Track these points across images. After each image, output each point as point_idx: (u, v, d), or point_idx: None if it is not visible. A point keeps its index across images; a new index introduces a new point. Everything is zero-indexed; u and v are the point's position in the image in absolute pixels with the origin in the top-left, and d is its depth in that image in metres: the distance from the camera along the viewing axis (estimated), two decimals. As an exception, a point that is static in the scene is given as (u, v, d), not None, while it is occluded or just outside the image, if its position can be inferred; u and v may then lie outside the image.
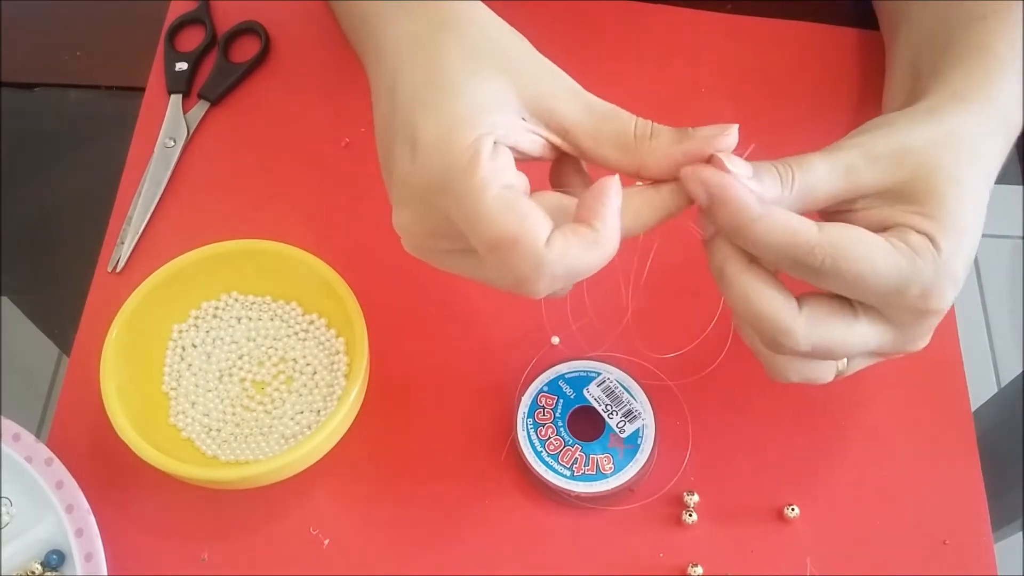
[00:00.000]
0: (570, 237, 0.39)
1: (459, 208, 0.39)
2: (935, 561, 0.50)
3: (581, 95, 0.42)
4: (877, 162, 0.42)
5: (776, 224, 0.40)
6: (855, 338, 0.42)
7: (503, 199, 0.38)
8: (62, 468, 0.48)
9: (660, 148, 0.41)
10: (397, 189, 0.41)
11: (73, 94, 0.64)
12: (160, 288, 0.52)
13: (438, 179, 0.39)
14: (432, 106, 0.40)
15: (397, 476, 0.51)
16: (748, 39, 0.64)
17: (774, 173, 0.41)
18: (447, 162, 0.39)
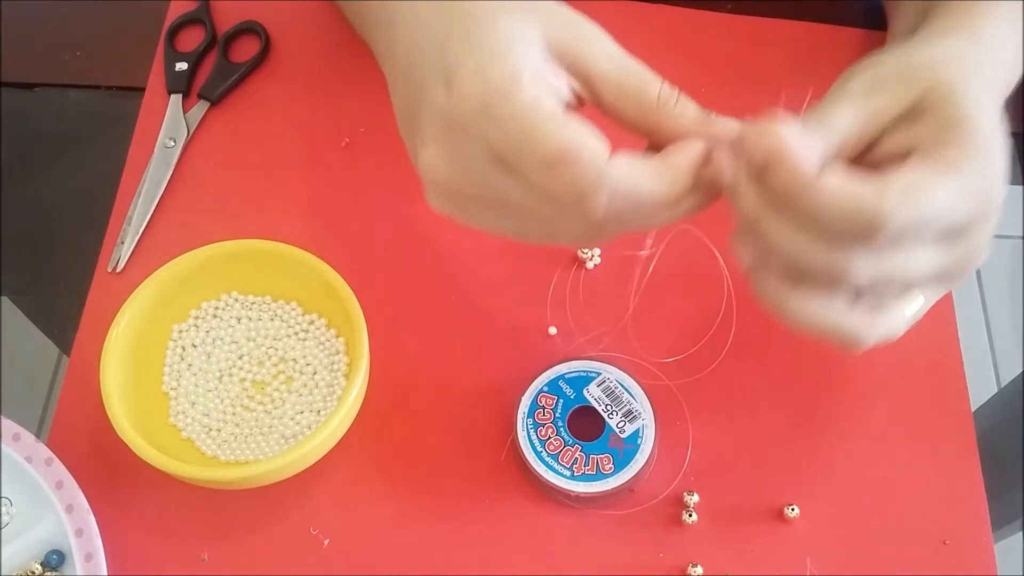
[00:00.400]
0: (634, 159, 0.38)
1: (509, 129, 0.37)
2: (935, 561, 0.50)
3: (609, 45, 0.41)
4: (887, 84, 0.41)
5: (837, 189, 0.37)
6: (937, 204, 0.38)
7: (556, 113, 0.37)
8: (62, 468, 0.48)
9: (682, 120, 0.40)
10: (430, 126, 0.40)
11: (73, 94, 0.64)
12: (160, 288, 0.52)
13: (482, 105, 0.38)
14: (464, 39, 0.39)
15: (397, 476, 0.51)
16: (748, 39, 0.64)
17: (813, 135, 0.39)
18: (490, 87, 0.37)
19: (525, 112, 0.37)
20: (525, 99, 0.37)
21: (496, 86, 0.38)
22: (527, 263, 0.57)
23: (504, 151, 0.38)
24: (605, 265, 0.57)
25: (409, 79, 0.42)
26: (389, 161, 0.60)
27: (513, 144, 0.38)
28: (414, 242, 0.57)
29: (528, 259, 0.57)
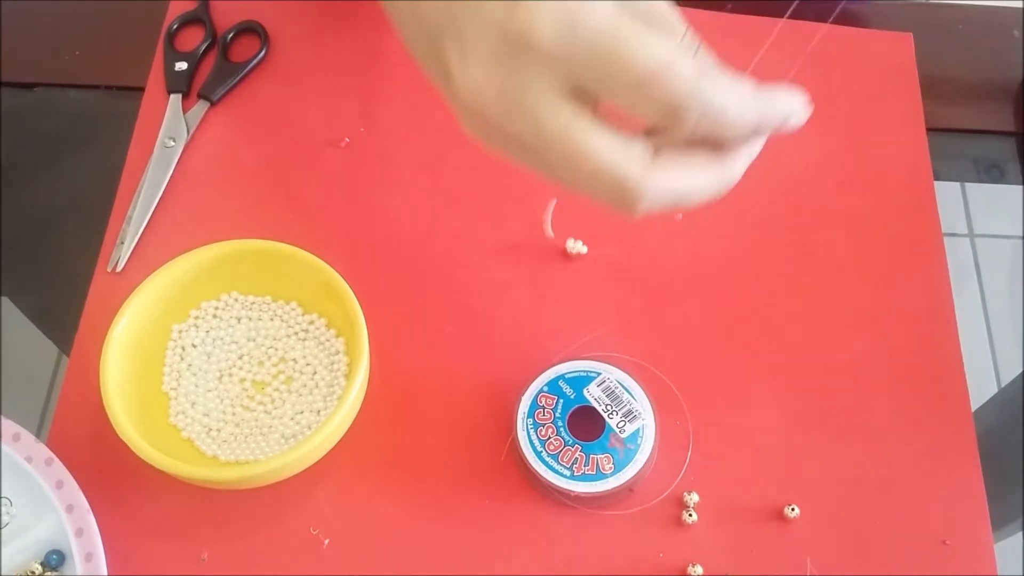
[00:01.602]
0: (728, 80, 0.37)
1: (596, 51, 0.35)
2: (935, 561, 0.50)
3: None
4: None
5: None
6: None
7: (642, 29, 0.36)
8: (62, 468, 0.48)
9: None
10: (480, 44, 0.36)
11: (73, 94, 0.64)
12: (160, 288, 0.52)
13: (561, 27, 0.35)
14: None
15: (397, 476, 0.51)
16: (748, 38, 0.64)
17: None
18: (569, 6, 0.35)
19: (612, 28, 0.35)
20: (606, 14, 0.35)
21: (574, 4, 0.35)
22: (528, 263, 0.57)
23: (584, 75, 0.36)
24: (605, 264, 0.57)
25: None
26: (389, 161, 0.60)
27: (599, 65, 0.36)
28: (414, 242, 0.57)
29: (529, 259, 0.57)
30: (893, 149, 0.61)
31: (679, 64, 0.35)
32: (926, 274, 0.57)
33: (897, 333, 0.56)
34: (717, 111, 0.36)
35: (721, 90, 0.36)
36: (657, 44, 0.35)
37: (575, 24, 0.35)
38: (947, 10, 0.69)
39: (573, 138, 0.36)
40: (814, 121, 0.62)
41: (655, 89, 0.35)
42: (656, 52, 0.35)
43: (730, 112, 0.37)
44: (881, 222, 0.59)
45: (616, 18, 0.36)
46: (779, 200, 0.59)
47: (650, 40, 0.35)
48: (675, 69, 0.35)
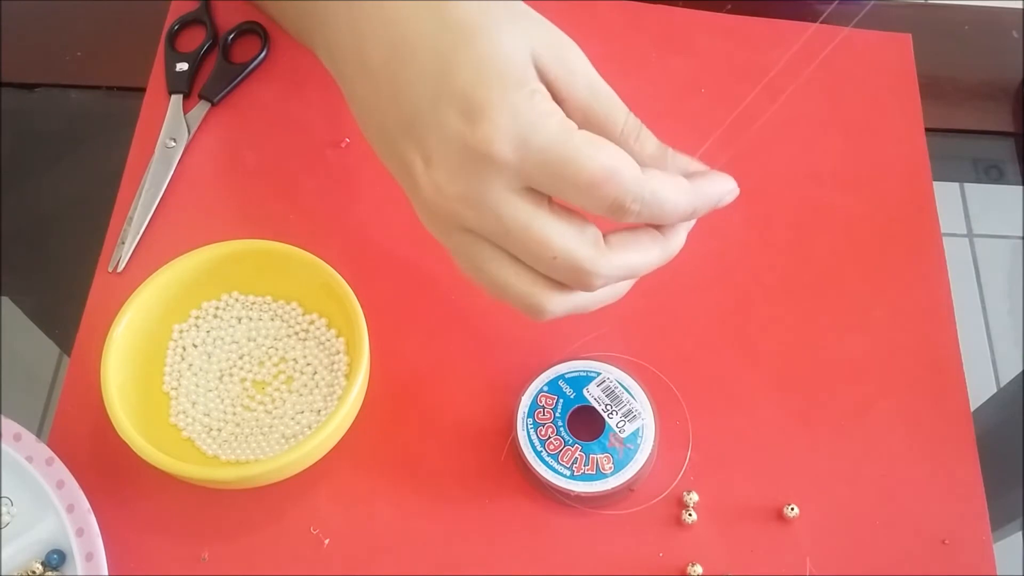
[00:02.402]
0: (665, 176, 0.41)
1: (548, 158, 0.39)
2: (934, 561, 0.50)
3: (586, 67, 0.42)
4: None
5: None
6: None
7: (587, 139, 0.40)
8: (63, 468, 0.48)
9: (641, 155, 0.42)
10: (443, 152, 0.40)
11: (73, 94, 0.64)
12: (161, 288, 0.52)
13: (517, 140, 0.39)
14: (475, 64, 0.39)
15: (397, 476, 0.51)
16: (748, 39, 0.64)
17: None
18: (522, 121, 0.39)
19: (562, 140, 0.39)
20: (556, 128, 0.39)
21: (528, 120, 0.39)
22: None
23: (539, 180, 0.40)
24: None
25: (397, 88, 0.42)
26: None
27: (551, 173, 0.40)
28: (414, 242, 0.57)
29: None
30: (892, 149, 0.61)
31: (622, 170, 0.40)
32: (925, 274, 0.57)
33: (896, 333, 0.56)
34: (657, 206, 0.41)
35: (660, 188, 0.41)
36: (602, 153, 0.40)
37: (529, 139, 0.39)
38: (946, 11, 0.69)
39: (533, 228, 0.41)
40: (814, 122, 0.63)
41: (601, 192, 0.40)
42: (601, 160, 0.39)
43: (668, 205, 0.41)
44: (880, 222, 0.59)
45: (565, 131, 0.40)
46: (779, 200, 0.59)
47: (596, 149, 0.40)
48: (618, 176, 0.40)
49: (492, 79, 0.39)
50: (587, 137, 0.40)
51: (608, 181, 0.40)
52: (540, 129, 0.39)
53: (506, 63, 0.40)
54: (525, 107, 0.39)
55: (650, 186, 0.40)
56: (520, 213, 0.40)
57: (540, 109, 0.39)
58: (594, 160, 0.39)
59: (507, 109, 0.39)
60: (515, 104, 0.39)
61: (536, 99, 0.40)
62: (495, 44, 0.40)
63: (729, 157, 0.45)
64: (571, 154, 0.39)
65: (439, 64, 0.40)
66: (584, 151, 0.39)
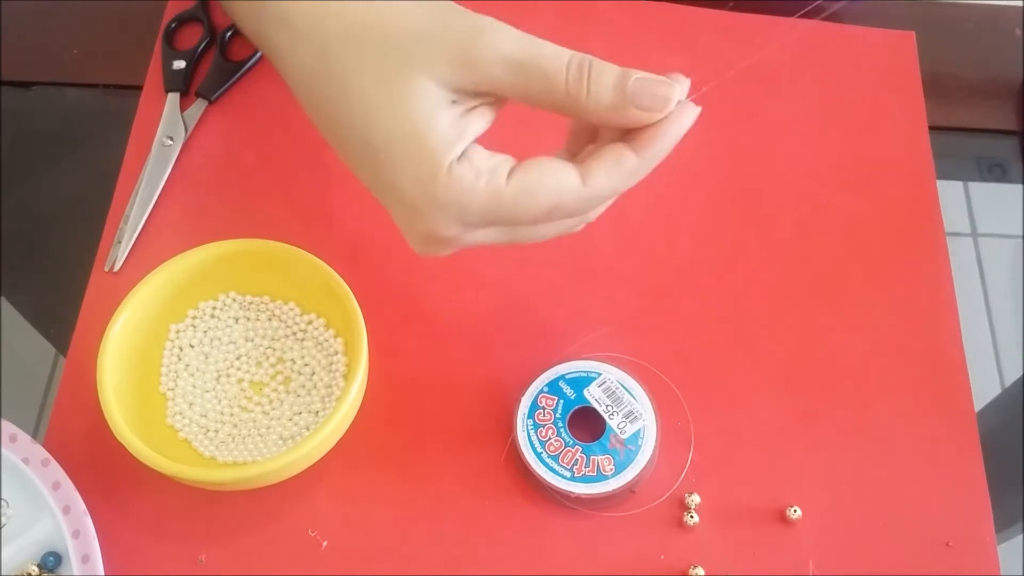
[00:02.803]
0: (611, 169, 0.41)
1: (492, 222, 0.41)
2: (938, 563, 0.49)
3: (498, 51, 0.40)
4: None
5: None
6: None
7: (519, 190, 0.40)
8: (59, 469, 0.48)
9: (598, 108, 0.40)
10: (406, 231, 0.43)
11: (71, 92, 0.63)
12: (157, 288, 0.51)
13: (453, 219, 0.41)
14: (386, 122, 0.40)
15: (396, 477, 0.51)
16: (749, 37, 0.64)
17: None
18: (450, 206, 0.40)
19: (495, 203, 0.40)
20: (484, 197, 0.40)
21: (456, 201, 0.40)
22: (528, 263, 0.56)
23: (500, 230, 0.43)
24: (606, 264, 0.57)
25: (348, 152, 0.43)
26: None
27: (499, 225, 0.42)
28: (413, 241, 0.57)
29: (529, 259, 0.56)
30: (895, 148, 0.61)
31: (561, 203, 0.41)
32: (929, 274, 0.57)
33: (899, 333, 0.55)
34: (610, 198, 0.43)
35: (605, 186, 0.41)
36: (537, 198, 0.40)
37: (465, 213, 0.40)
38: (949, 9, 0.69)
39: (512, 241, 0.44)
40: (816, 119, 0.63)
41: (550, 228, 0.43)
42: (538, 205, 0.41)
43: (621, 188, 0.42)
44: (883, 221, 0.59)
45: (495, 193, 0.40)
46: (780, 199, 0.59)
47: (530, 197, 0.40)
48: (559, 209, 0.41)
49: (411, 173, 0.40)
50: (519, 187, 0.40)
51: (551, 216, 0.41)
52: (469, 204, 0.40)
53: (419, 146, 0.39)
54: (447, 193, 0.40)
55: (595, 193, 0.41)
56: (490, 238, 0.43)
57: (462, 186, 0.40)
58: (531, 208, 0.41)
59: (434, 205, 0.40)
60: (437, 195, 0.40)
61: (455, 175, 0.40)
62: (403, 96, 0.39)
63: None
64: (508, 212, 0.41)
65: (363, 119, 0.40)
66: (519, 203, 0.40)
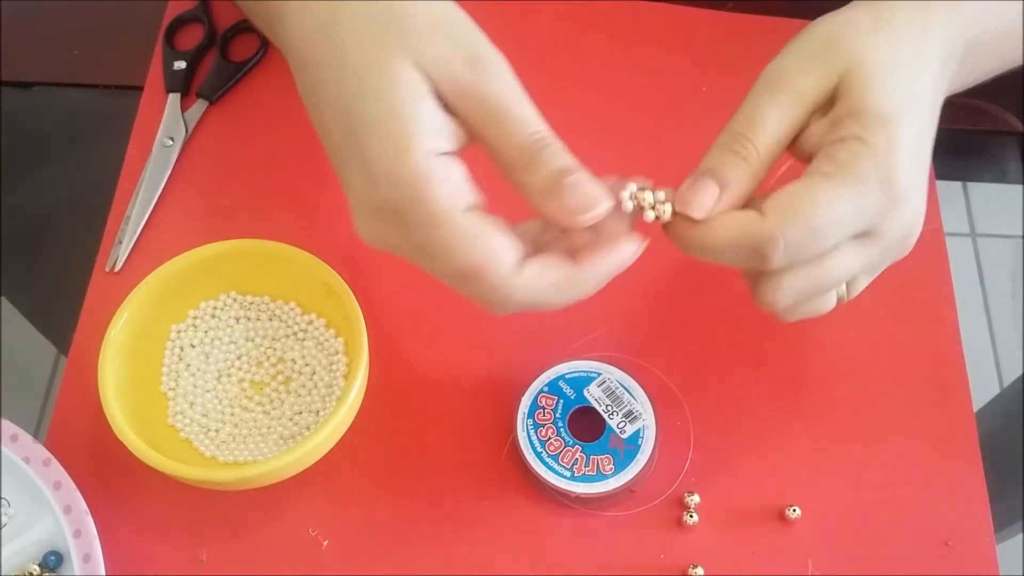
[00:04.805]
0: (547, 272, 0.40)
1: (426, 236, 0.39)
2: (937, 562, 0.49)
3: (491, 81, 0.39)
4: (812, 63, 0.41)
5: (723, 225, 0.41)
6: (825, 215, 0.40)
7: (466, 228, 0.38)
8: (60, 469, 0.48)
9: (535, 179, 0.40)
10: (354, 202, 0.41)
11: (71, 93, 0.63)
12: (158, 288, 0.51)
13: (394, 209, 0.38)
14: (370, 123, 0.38)
15: (396, 477, 0.51)
16: (749, 37, 0.64)
17: (709, 183, 0.41)
18: (400, 195, 0.38)
19: (439, 222, 0.38)
20: (434, 211, 0.38)
21: (406, 194, 0.38)
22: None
23: (422, 253, 0.40)
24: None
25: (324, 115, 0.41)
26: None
27: (429, 249, 0.39)
28: (414, 242, 0.57)
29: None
30: (895, 148, 0.61)
31: (491, 267, 0.39)
32: (928, 273, 0.57)
33: (898, 333, 0.55)
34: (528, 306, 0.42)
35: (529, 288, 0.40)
36: (476, 243, 0.39)
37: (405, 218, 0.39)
38: (949, 9, 0.69)
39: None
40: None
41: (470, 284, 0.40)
42: (472, 253, 0.39)
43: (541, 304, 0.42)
44: (882, 222, 0.58)
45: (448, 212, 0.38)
46: (780, 200, 0.59)
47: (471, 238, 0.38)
48: (487, 272, 0.39)
49: (382, 146, 0.38)
50: (464, 228, 0.38)
51: (469, 277, 0.39)
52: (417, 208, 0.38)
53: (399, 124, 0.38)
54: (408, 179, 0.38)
55: (517, 290, 0.40)
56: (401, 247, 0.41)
57: (423, 182, 0.38)
58: (464, 250, 0.38)
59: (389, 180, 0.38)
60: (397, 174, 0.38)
61: (423, 164, 0.38)
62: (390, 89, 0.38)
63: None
64: (445, 239, 0.38)
65: (344, 112, 0.39)
66: (453, 240, 0.38)
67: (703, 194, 0.41)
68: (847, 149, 0.40)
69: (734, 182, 0.41)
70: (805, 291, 0.42)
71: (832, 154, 0.40)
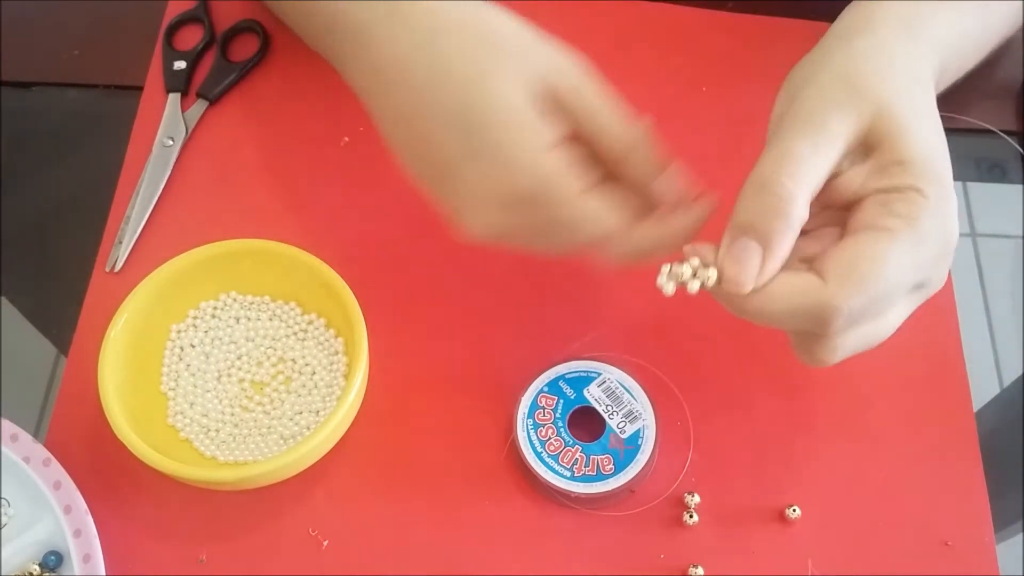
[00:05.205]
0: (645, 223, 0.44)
1: (548, 218, 0.43)
2: (937, 562, 0.49)
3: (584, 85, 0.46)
4: (838, 104, 0.40)
5: (780, 293, 0.40)
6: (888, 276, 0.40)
7: (587, 203, 0.43)
8: (60, 469, 0.48)
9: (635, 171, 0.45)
10: (474, 199, 0.44)
11: (71, 93, 0.63)
12: (158, 288, 0.52)
13: (526, 194, 0.43)
14: (490, 131, 0.43)
15: (397, 476, 0.51)
16: (749, 37, 0.64)
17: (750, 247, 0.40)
18: (533, 180, 0.43)
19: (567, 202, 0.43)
20: (566, 190, 0.43)
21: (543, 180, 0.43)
22: (527, 263, 0.56)
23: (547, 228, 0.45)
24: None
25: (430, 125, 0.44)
26: (389, 160, 0.59)
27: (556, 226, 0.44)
28: (414, 242, 0.57)
29: (528, 259, 0.56)
30: (894, 148, 0.61)
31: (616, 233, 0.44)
32: (928, 274, 0.57)
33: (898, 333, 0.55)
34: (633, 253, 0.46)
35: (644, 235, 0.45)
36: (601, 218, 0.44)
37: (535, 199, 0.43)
38: (949, 9, 0.69)
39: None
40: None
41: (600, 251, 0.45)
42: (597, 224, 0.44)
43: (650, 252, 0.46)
44: (882, 222, 0.58)
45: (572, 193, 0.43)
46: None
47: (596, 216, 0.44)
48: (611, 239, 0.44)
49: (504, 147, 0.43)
50: (592, 203, 0.43)
51: (597, 245, 0.44)
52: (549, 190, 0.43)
53: (521, 115, 0.43)
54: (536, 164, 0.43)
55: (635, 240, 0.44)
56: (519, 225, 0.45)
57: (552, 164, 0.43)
58: (593, 223, 0.43)
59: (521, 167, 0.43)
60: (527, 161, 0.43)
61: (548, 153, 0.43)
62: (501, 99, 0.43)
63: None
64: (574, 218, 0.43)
65: (463, 125, 0.43)
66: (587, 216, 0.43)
67: (747, 264, 0.40)
68: (907, 201, 0.39)
69: (776, 238, 0.39)
70: (860, 348, 0.42)
71: (890, 206, 0.39)
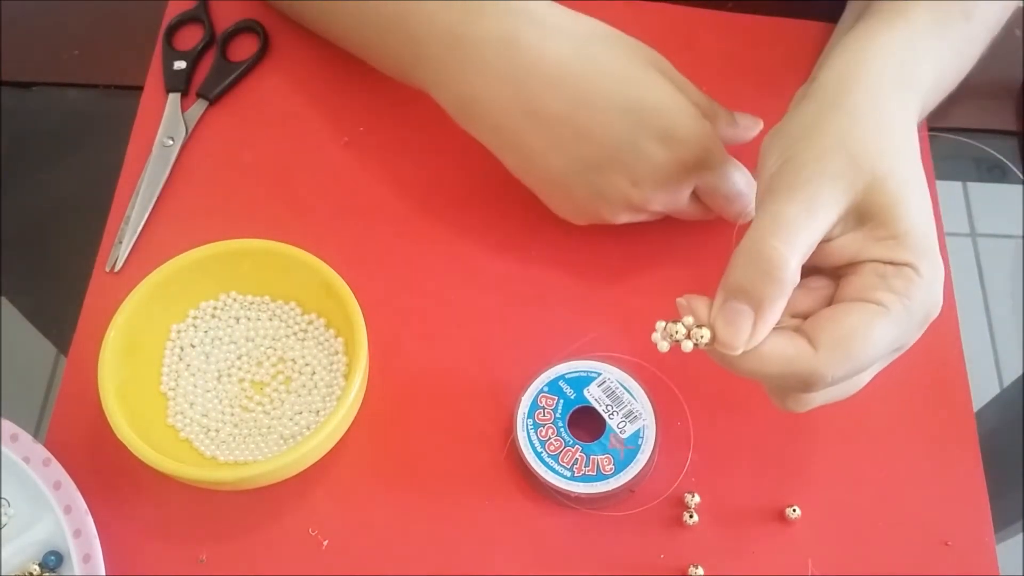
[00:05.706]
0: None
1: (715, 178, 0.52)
2: (937, 562, 0.49)
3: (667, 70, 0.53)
4: (833, 171, 0.40)
5: (771, 355, 0.40)
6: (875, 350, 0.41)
7: (736, 163, 0.52)
8: (60, 469, 0.48)
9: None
10: (645, 178, 0.50)
11: (71, 93, 0.63)
12: (158, 288, 0.52)
13: (699, 159, 0.50)
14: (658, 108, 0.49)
15: (397, 476, 0.51)
16: (749, 37, 0.64)
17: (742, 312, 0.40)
18: (703, 146, 0.50)
19: (727, 160, 0.52)
20: (723, 152, 0.52)
21: (709, 144, 0.51)
22: (527, 263, 0.56)
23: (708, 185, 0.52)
24: (606, 265, 0.57)
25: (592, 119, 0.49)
26: (389, 160, 0.59)
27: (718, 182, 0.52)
28: (414, 241, 0.57)
29: (528, 259, 0.56)
30: (894, 148, 0.61)
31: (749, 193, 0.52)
32: (928, 274, 0.57)
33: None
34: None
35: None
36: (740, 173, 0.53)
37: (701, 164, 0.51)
38: (949, 9, 0.69)
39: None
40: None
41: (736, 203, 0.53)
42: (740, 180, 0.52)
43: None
44: (882, 221, 0.58)
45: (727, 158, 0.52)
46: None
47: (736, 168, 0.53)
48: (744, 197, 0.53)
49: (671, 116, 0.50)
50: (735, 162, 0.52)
51: (740, 197, 0.53)
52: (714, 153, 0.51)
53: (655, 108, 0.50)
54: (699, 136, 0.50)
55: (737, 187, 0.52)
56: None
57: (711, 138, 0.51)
58: (747, 178, 0.52)
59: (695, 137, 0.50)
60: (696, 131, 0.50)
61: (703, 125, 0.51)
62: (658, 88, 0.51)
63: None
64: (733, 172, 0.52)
65: (636, 112, 0.49)
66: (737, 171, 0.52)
67: (739, 327, 0.40)
68: (903, 277, 0.40)
69: (767, 303, 0.39)
70: (829, 402, 0.44)
71: (887, 280, 0.40)
